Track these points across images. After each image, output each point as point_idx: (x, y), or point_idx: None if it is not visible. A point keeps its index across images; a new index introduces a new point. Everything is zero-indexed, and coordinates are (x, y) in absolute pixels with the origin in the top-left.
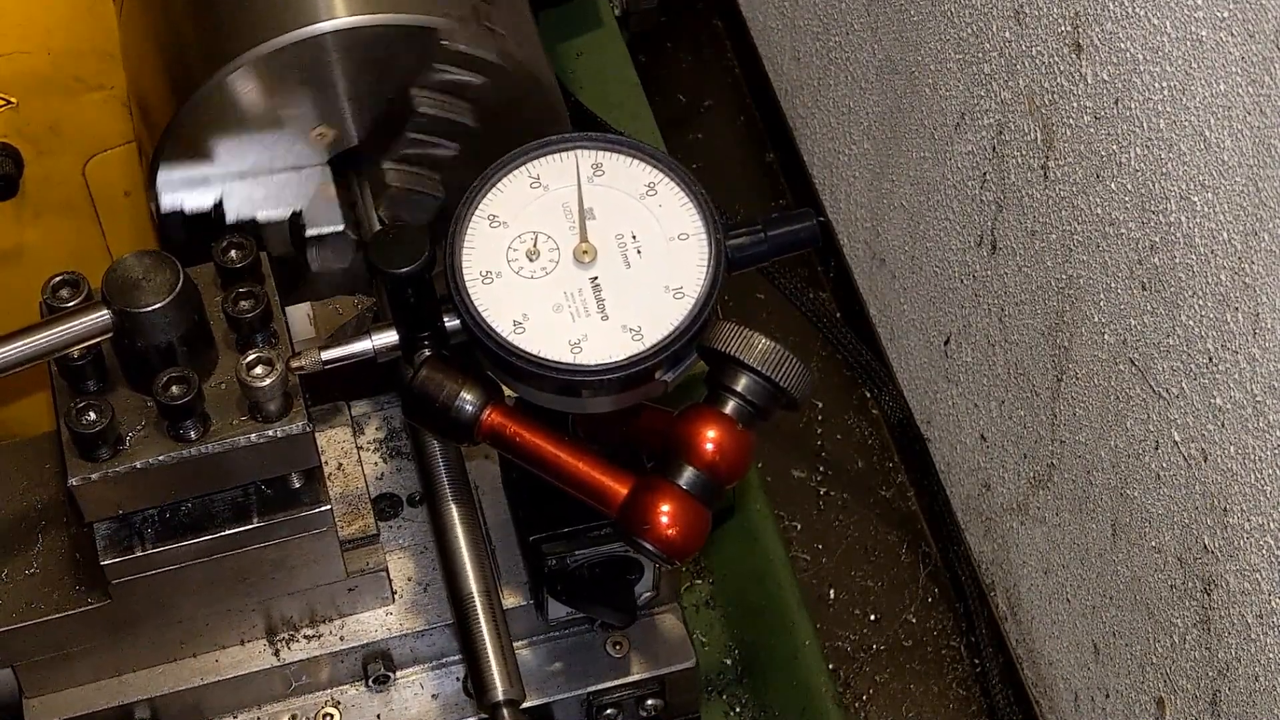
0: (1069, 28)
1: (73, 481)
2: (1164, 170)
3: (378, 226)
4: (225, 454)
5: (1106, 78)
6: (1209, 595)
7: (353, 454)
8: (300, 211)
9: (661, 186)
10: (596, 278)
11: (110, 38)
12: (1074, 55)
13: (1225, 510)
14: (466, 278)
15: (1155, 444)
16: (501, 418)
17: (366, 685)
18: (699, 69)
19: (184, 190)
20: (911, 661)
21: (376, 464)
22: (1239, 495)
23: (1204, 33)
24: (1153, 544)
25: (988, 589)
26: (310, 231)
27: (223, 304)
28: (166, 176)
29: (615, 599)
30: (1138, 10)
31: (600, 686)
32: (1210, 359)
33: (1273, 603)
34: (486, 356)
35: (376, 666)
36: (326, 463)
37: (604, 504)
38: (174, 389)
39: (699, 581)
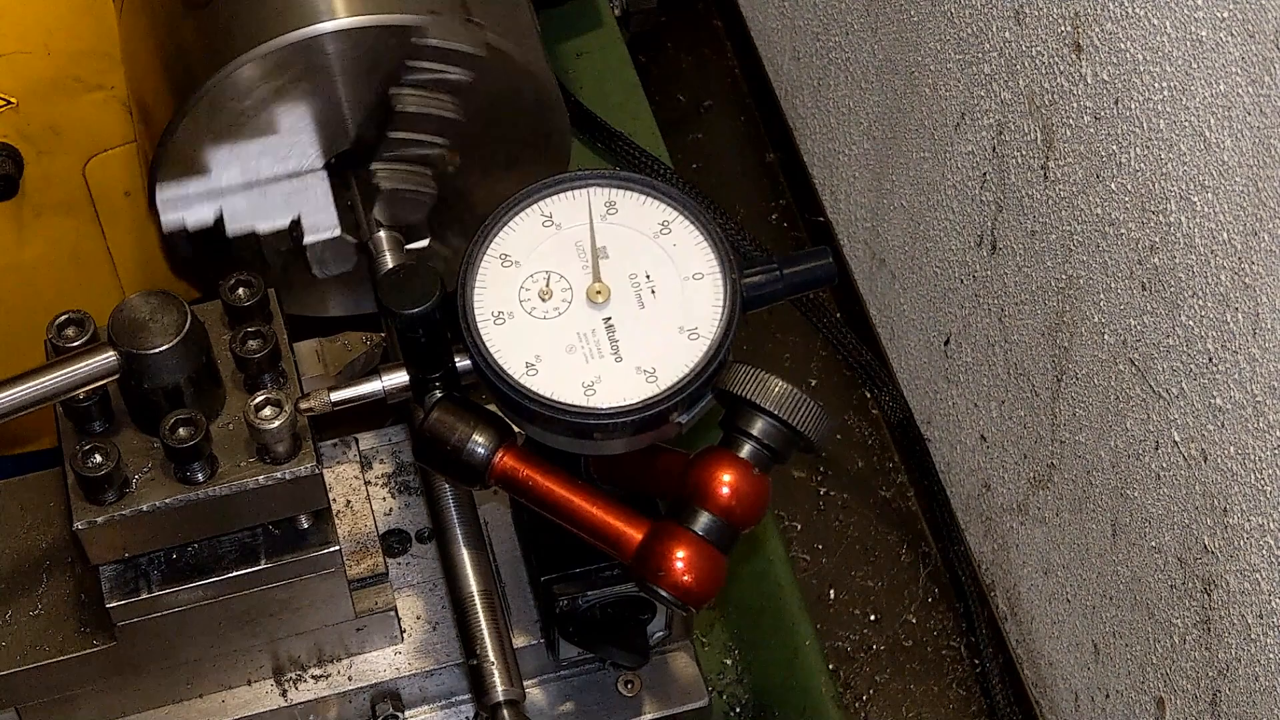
0: (1069, 28)
1: (78, 525)
2: (1164, 170)
3: (374, 229)
4: (233, 496)
5: (1106, 78)
6: (1209, 595)
7: (361, 491)
8: (299, 219)
9: (676, 225)
10: (610, 318)
11: (110, 38)
12: (1074, 55)
13: (1225, 510)
14: (478, 318)
15: (1155, 444)
16: (514, 461)
17: None
18: (699, 69)
19: (184, 207)
20: (911, 661)
21: (385, 499)
22: (1239, 495)
23: (1204, 33)
24: (1153, 544)
25: (988, 589)
26: (309, 239)
27: (230, 343)
28: (165, 194)
29: (627, 639)
30: (1138, 10)
31: None
32: (1210, 359)
33: (1273, 603)
34: (498, 398)
35: (385, 706)
36: (334, 500)
37: (618, 550)
38: (181, 431)
39: None
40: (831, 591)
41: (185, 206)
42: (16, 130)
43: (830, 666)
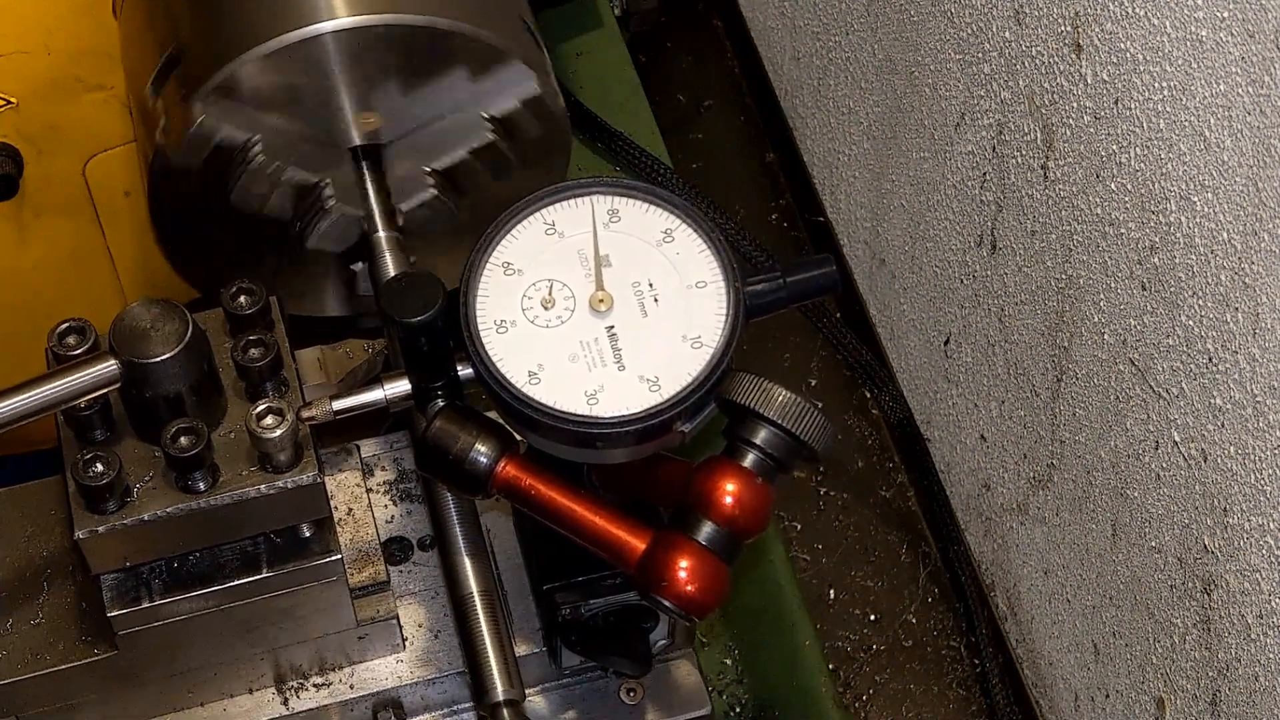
0: (1069, 28)
1: (79, 535)
2: (1164, 170)
3: (383, 227)
4: (234, 505)
5: (1106, 78)
6: (1209, 595)
7: (363, 498)
8: (326, 183)
9: (679, 233)
10: (613, 327)
11: (110, 38)
12: (1074, 55)
13: (1225, 510)
14: (480, 327)
15: (1155, 444)
16: (516, 470)
17: None
18: (699, 69)
19: (222, 121)
20: (911, 661)
21: (386, 506)
22: (1239, 495)
23: (1204, 33)
24: (1153, 544)
25: (988, 589)
26: (330, 204)
27: (232, 352)
28: (209, 107)
29: (630, 648)
30: (1138, 10)
31: None
32: (1210, 359)
33: (1273, 603)
34: (501, 407)
35: (387, 715)
36: (336, 508)
37: (621, 560)
38: (182, 440)
39: None
40: (831, 591)
41: (223, 121)
42: (16, 130)
43: (830, 666)
